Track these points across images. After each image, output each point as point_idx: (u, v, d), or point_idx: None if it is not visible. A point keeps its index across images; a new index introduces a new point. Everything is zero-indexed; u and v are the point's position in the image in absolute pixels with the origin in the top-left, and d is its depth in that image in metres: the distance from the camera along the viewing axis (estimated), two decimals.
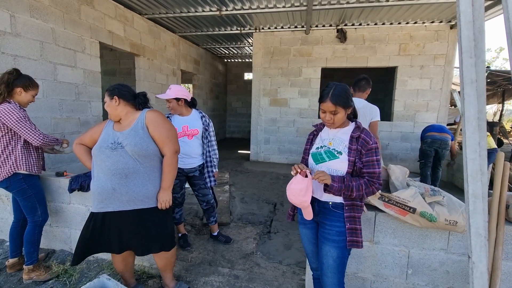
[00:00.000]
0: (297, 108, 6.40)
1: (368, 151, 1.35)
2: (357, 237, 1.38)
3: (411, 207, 1.56)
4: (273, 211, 3.56)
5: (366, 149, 1.35)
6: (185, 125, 2.36)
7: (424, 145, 4.07)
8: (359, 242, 1.39)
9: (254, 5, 4.75)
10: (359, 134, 1.38)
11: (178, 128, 2.31)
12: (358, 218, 1.41)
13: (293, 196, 1.38)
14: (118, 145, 1.57)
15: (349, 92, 1.41)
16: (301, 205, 1.41)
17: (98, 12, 4.12)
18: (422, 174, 4.20)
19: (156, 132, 1.63)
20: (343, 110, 1.38)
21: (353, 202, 1.39)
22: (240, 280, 2.09)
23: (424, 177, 4.13)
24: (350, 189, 1.33)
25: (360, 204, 1.42)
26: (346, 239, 1.39)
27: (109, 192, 1.57)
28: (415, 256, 1.71)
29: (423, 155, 4.12)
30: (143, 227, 1.65)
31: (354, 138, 1.38)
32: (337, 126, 1.45)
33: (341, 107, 1.37)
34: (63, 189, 2.26)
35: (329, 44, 5.96)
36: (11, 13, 2.97)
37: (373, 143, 1.35)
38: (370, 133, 1.39)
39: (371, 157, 1.35)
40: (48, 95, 3.44)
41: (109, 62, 7.75)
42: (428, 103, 5.73)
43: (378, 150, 1.38)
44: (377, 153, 1.36)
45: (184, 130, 2.35)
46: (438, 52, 5.53)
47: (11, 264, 2.14)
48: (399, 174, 1.77)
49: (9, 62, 2.97)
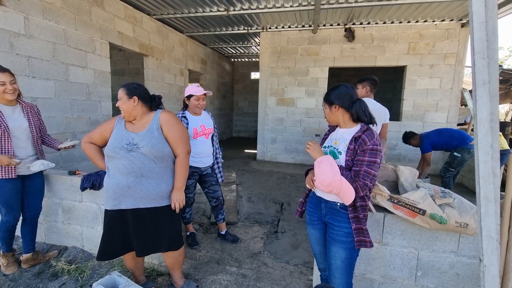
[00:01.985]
0: (304, 107, 6.38)
1: (362, 151, 1.34)
2: (364, 236, 1.38)
3: (421, 209, 1.55)
4: (280, 211, 3.57)
5: (361, 149, 1.34)
6: (202, 124, 2.41)
7: (468, 156, 3.59)
8: (367, 242, 1.38)
9: (262, 4, 4.75)
10: (360, 135, 1.37)
11: (197, 128, 2.36)
12: (363, 218, 1.39)
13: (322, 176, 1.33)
14: (134, 146, 1.61)
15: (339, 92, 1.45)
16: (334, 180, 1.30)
17: (108, 13, 4.18)
18: (447, 183, 3.79)
19: (170, 133, 1.67)
20: (327, 106, 1.49)
21: (355, 203, 1.38)
22: (248, 279, 2.10)
23: (449, 187, 3.73)
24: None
25: (361, 205, 1.38)
26: (354, 240, 1.39)
27: (124, 189, 1.61)
28: (425, 258, 1.69)
29: (459, 165, 3.67)
30: (153, 226, 1.68)
31: (354, 138, 1.39)
32: (343, 126, 1.48)
33: (326, 103, 1.49)
34: (75, 188, 2.31)
35: (337, 43, 5.92)
36: (25, 15, 3.04)
37: (371, 144, 1.32)
38: (374, 135, 1.36)
39: (362, 156, 1.33)
40: (60, 95, 3.52)
41: (118, 62, 7.87)
42: (438, 103, 5.64)
43: (378, 152, 1.33)
44: (373, 154, 1.32)
45: (202, 129, 2.39)
46: (448, 51, 5.43)
47: (25, 259, 2.22)
48: (408, 175, 1.75)
49: (23, 63, 3.05)
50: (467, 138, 3.66)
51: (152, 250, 1.75)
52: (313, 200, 1.60)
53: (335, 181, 1.29)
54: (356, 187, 1.31)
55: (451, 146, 3.75)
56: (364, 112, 1.43)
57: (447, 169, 3.81)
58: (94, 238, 2.36)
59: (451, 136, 3.77)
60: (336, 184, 1.29)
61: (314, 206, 1.58)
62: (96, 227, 2.34)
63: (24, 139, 2.07)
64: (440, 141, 3.82)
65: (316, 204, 1.57)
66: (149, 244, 1.71)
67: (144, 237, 1.69)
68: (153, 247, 1.73)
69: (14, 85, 1.97)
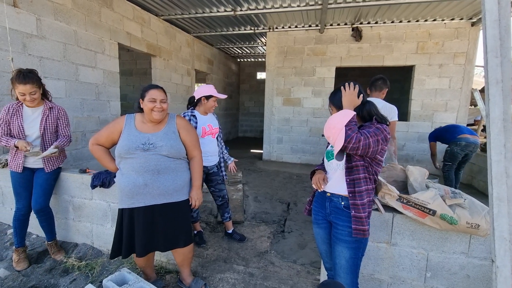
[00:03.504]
0: (311, 107, 6.36)
1: (366, 126, 1.37)
2: (362, 225, 1.35)
3: (431, 209, 1.53)
4: (286, 211, 3.57)
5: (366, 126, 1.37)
6: (210, 123, 2.44)
7: (456, 148, 3.80)
8: (365, 231, 1.35)
9: (269, 4, 4.75)
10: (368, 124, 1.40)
11: (205, 127, 2.40)
12: (362, 206, 1.36)
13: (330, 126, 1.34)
14: (150, 145, 1.66)
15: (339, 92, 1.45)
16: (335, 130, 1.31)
17: (117, 14, 4.24)
18: (447, 177, 3.98)
19: (189, 137, 1.80)
20: (334, 109, 1.48)
21: (354, 189, 1.37)
22: (255, 278, 2.11)
23: (450, 181, 3.91)
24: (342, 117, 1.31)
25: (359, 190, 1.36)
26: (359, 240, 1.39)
27: (140, 187, 1.64)
28: (434, 259, 1.68)
29: (452, 158, 3.87)
30: (171, 220, 1.73)
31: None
32: None
33: (333, 106, 1.50)
34: (86, 185, 2.35)
35: (344, 43, 5.89)
36: (37, 16, 3.11)
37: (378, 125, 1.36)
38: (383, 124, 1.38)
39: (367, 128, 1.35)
40: (70, 94, 3.59)
41: (126, 62, 7.97)
42: (447, 103, 5.56)
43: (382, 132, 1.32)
44: (378, 130, 1.32)
45: (210, 128, 2.42)
46: (458, 50, 5.35)
47: None
48: (418, 175, 1.74)
49: (35, 63, 3.12)
50: (456, 132, 3.88)
51: (173, 244, 1.78)
52: (318, 199, 1.60)
53: (334, 128, 1.30)
54: (352, 137, 1.26)
55: (445, 139, 4.01)
56: (376, 112, 1.43)
57: (443, 163, 4.03)
58: (104, 235, 2.40)
59: (446, 130, 4.03)
60: (334, 131, 1.30)
61: (319, 205, 1.59)
62: (105, 225, 2.38)
63: (34, 137, 2.19)
64: (439, 133, 4.11)
65: (321, 203, 1.57)
66: (170, 238, 1.75)
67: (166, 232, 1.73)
68: (173, 241, 1.77)
69: (33, 96, 2.08)
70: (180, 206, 1.77)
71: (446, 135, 3.96)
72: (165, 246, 1.77)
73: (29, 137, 2.18)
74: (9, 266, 2.19)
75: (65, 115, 2.33)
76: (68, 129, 2.34)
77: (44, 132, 2.20)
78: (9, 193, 2.58)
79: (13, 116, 2.13)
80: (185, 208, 1.81)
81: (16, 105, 2.17)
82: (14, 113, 2.14)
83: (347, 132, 1.25)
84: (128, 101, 7.98)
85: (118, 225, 1.74)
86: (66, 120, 2.32)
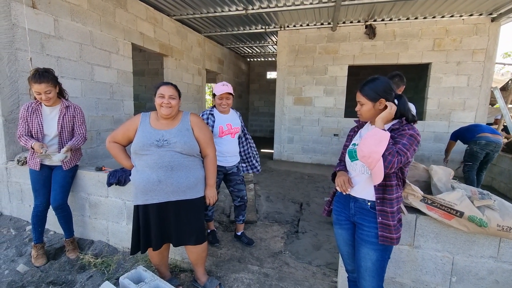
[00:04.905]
0: (322, 107, 6.28)
1: (400, 135, 1.29)
2: (390, 233, 1.30)
3: (458, 211, 1.46)
4: (299, 211, 3.52)
5: (399, 133, 1.30)
6: (229, 123, 2.37)
7: (476, 147, 3.69)
8: (393, 239, 1.30)
9: (281, 2, 4.71)
10: (398, 127, 1.32)
11: (223, 126, 2.33)
12: (391, 214, 1.30)
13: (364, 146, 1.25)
14: (164, 142, 1.67)
15: (384, 87, 1.34)
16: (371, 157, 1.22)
17: (131, 15, 4.29)
18: (468, 178, 3.86)
19: (201, 135, 1.78)
20: (369, 102, 1.35)
21: (384, 196, 1.31)
22: (270, 279, 2.08)
23: (470, 181, 3.79)
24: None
25: (390, 198, 1.30)
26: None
27: (154, 184, 1.64)
28: (460, 263, 1.60)
29: (472, 157, 3.75)
30: (184, 217, 1.72)
31: (390, 130, 1.32)
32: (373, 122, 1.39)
33: (368, 99, 1.34)
34: (102, 183, 2.37)
35: (357, 40, 5.78)
36: (55, 17, 3.17)
37: (410, 131, 1.28)
38: (414, 127, 1.32)
39: (400, 139, 1.27)
40: (86, 94, 3.64)
41: (138, 63, 8.07)
42: (465, 102, 5.37)
43: (415, 141, 1.27)
44: (411, 140, 1.26)
45: (228, 128, 2.35)
46: (477, 47, 5.17)
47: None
48: (442, 175, 1.66)
49: (53, 63, 3.17)
50: (476, 131, 3.78)
51: (184, 241, 1.78)
52: (341, 200, 1.54)
53: (372, 158, 1.21)
54: (393, 162, 1.20)
55: (465, 138, 3.91)
56: (409, 109, 1.38)
57: (464, 163, 3.94)
58: (119, 233, 2.42)
59: (467, 129, 3.94)
60: (372, 160, 1.22)
61: (341, 205, 1.53)
62: (121, 222, 2.40)
63: (52, 135, 2.23)
64: (460, 133, 4.00)
65: (344, 203, 1.51)
66: (182, 235, 1.75)
67: (178, 229, 1.73)
68: (185, 238, 1.76)
69: (48, 95, 2.12)
70: (193, 203, 1.76)
71: (466, 134, 3.87)
72: (176, 241, 1.78)
73: (47, 136, 2.22)
74: (28, 262, 2.23)
75: (81, 113, 2.36)
76: (84, 127, 2.36)
77: (61, 131, 2.23)
78: (28, 190, 2.63)
79: (32, 115, 2.17)
80: (198, 206, 1.79)
81: (35, 104, 2.21)
82: (33, 112, 2.18)
83: (387, 158, 1.19)
84: (140, 101, 8.08)
85: (135, 222, 1.74)
86: (82, 118, 2.35)
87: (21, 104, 2.78)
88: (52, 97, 2.15)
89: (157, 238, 1.72)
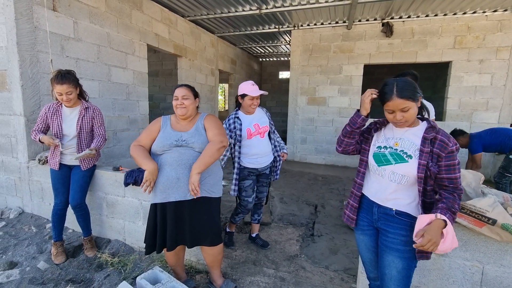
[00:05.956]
0: (336, 107, 6.16)
1: (448, 153, 1.21)
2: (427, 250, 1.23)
3: (490, 218, 1.38)
4: (314, 213, 3.45)
5: (446, 152, 1.21)
6: (256, 123, 2.28)
7: None
8: (429, 253, 1.26)
9: (295, 1, 4.65)
10: (435, 135, 1.23)
11: (251, 128, 2.25)
12: None
13: None
14: (183, 142, 1.71)
15: (415, 84, 1.25)
16: None
17: (146, 16, 4.34)
18: (505, 191, 3.34)
19: (210, 132, 1.77)
20: (413, 103, 1.21)
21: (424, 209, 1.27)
22: (287, 283, 2.04)
23: None
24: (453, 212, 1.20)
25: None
26: (413, 249, 1.27)
27: (173, 181, 1.66)
28: (491, 273, 1.51)
29: None
30: (199, 216, 1.72)
31: (427, 140, 1.23)
32: (410, 125, 1.30)
33: (411, 100, 1.20)
34: (119, 183, 2.40)
35: (373, 39, 5.64)
36: (74, 20, 3.24)
37: (453, 145, 1.21)
38: (447, 134, 1.25)
39: (452, 160, 1.21)
40: (103, 94, 3.71)
41: (152, 64, 8.18)
42: (488, 101, 5.14)
43: (456, 155, 1.23)
44: (456, 156, 1.22)
45: (256, 128, 2.27)
46: (501, 44, 4.93)
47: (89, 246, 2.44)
48: (471, 180, 1.58)
49: (72, 64, 3.25)
50: None
51: (199, 241, 1.77)
52: (363, 205, 1.48)
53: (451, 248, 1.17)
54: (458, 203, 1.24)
55: (506, 147, 3.34)
56: (425, 106, 1.32)
57: (502, 174, 3.38)
58: (136, 232, 2.44)
59: (508, 136, 3.35)
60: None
61: (364, 210, 1.47)
62: (137, 222, 2.42)
63: (71, 136, 2.28)
64: (493, 141, 3.42)
65: (367, 208, 1.45)
66: (196, 234, 1.74)
67: (193, 228, 1.72)
68: (200, 238, 1.75)
69: (69, 96, 2.17)
70: (209, 203, 1.76)
71: (510, 143, 3.30)
72: (191, 242, 1.76)
73: (66, 136, 2.26)
74: (48, 259, 2.28)
75: (100, 114, 2.39)
76: (103, 128, 2.40)
77: (80, 132, 2.27)
78: (49, 189, 2.70)
79: (53, 116, 2.23)
80: (214, 207, 1.79)
81: (56, 105, 2.26)
82: (54, 112, 2.23)
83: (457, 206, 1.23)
84: (154, 101, 8.19)
85: (152, 221, 1.75)
86: (101, 120, 2.38)
87: (42, 104, 2.85)
88: (72, 98, 2.20)
89: (172, 239, 1.72)
